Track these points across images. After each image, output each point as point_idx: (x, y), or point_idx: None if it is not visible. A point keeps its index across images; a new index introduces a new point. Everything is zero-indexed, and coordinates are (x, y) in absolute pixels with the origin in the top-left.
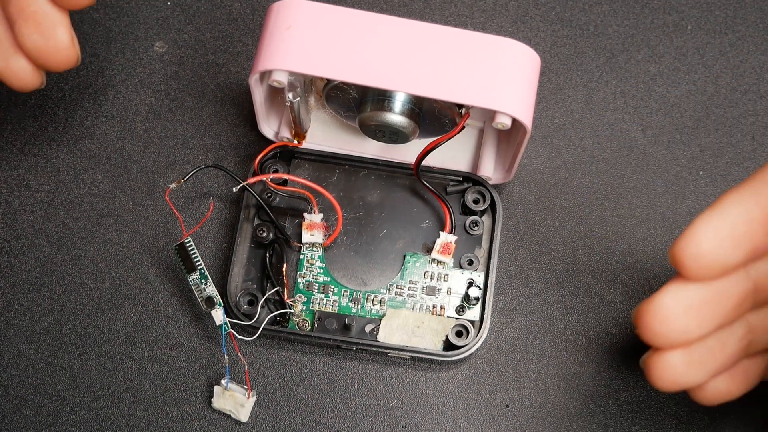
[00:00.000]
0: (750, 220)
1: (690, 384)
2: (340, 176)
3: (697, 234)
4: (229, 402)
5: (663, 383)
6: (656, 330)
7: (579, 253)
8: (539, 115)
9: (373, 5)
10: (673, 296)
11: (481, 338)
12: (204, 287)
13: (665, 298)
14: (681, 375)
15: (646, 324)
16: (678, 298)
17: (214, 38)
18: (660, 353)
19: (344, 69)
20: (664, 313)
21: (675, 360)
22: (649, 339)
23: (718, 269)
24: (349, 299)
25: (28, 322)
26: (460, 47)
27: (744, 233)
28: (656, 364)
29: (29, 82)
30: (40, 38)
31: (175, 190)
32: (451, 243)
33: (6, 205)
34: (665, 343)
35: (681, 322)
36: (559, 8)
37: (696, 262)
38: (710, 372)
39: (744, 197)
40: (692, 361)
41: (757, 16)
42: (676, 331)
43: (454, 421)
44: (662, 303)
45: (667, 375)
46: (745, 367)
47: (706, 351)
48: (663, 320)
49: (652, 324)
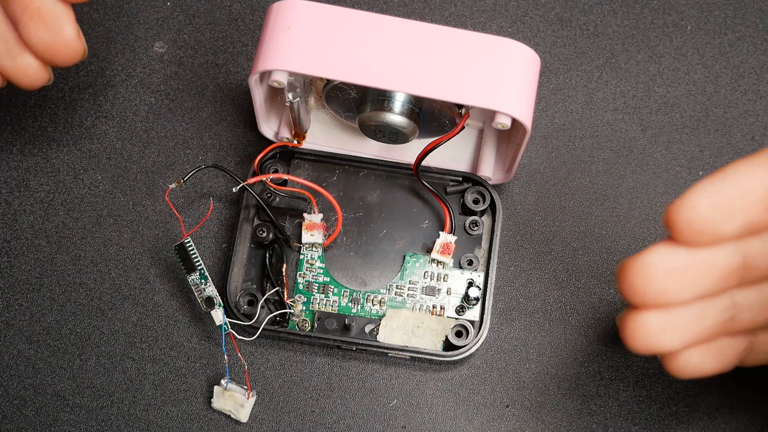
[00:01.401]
0: (750, 192)
1: (662, 348)
2: (340, 176)
3: (694, 198)
4: (229, 402)
5: (635, 342)
6: (636, 287)
7: (579, 253)
8: (539, 115)
9: (373, 5)
10: (660, 256)
11: (481, 338)
12: (204, 287)
13: (651, 257)
14: (654, 337)
15: (628, 280)
16: (664, 259)
17: (214, 38)
18: (637, 312)
19: (344, 69)
20: (647, 272)
21: (651, 321)
22: (629, 296)
23: (710, 237)
24: (349, 299)
25: (28, 322)
26: (460, 47)
27: (742, 205)
28: (631, 323)
29: (37, 78)
30: (46, 34)
31: (175, 190)
32: (450, 243)
33: (6, 205)
34: (644, 302)
35: (663, 283)
36: (559, 8)
37: (689, 226)
38: (685, 340)
39: (748, 170)
40: (668, 326)
41: (757, 16)
42: (656, 292)
43: (454, 421)
44: (647, 261)
45: (640, 335)
46: (722, 345)
47: (684, 318)
48: (645, 278)
49: (634, 280)
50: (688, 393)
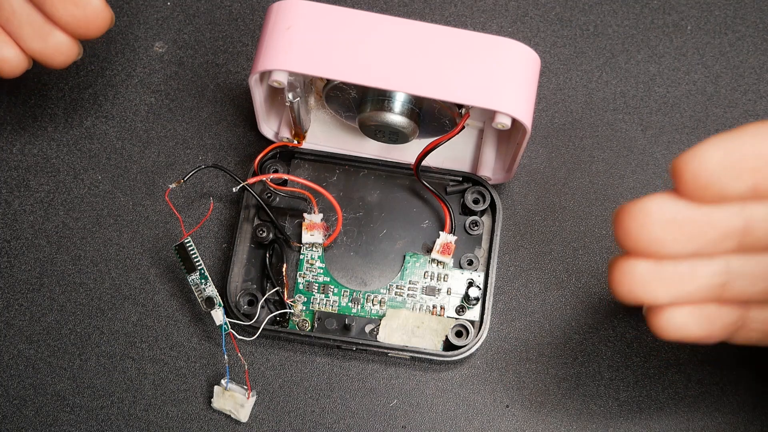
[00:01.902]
0: (761, 156)
1: (647, 299)
2: (340, 176)
3: (705, 151)
4: (229, 402)
5: (621, 288)
6: (631, 232)
7: (579, 253)
8: (539, 115)
9: (373, 5)
10: (659, 204)
11: (481, 338)
12: (204, 287)
13: (650, 204)
14: (641, 286)
15: (624, 224)
16: (663, 208)
17: (214, 38)
18: (628, 258)
19: (344, 69)
20: (644, 218)
21: (640, 269)
22: (622, 240)
23: (714, 194)
24: (349, 299)
25: (28, 322)
26: (460, 47)
27: (752, 166)
28: (621, 268)
29: (70, 54)
30: (76, 9)
31: (175, 190)
32: (451, 243)
33: (6, 205)
34: (636, 249)
35: (658, 232)
36: (559, 8)
37: (695, 178)
38: (672, 296)
39: (763, 133)
40: (657, 278)
41: (757, 16)
42: (649, 240)
43: (454, 421)
44: (646, 207)
45: (628, 281)
46: (711, 312)
47: (674, 273)
48: (640, 224)
49: (630, 225)
50: (688, 393)
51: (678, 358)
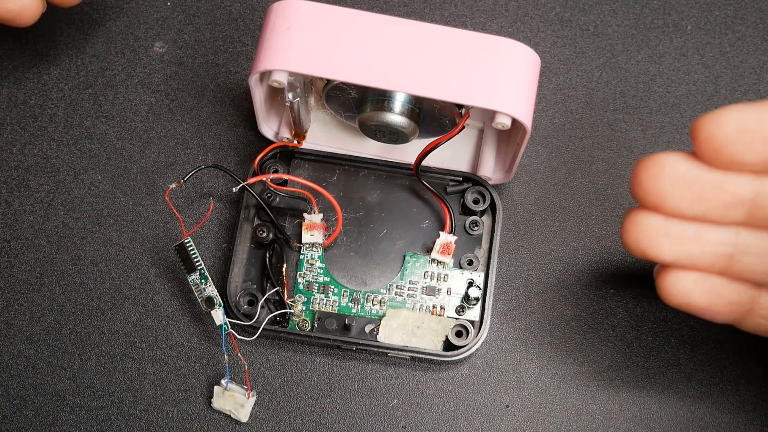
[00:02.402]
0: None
1: (652, 253)
2: (340, 176)
3: (725, 115)
4: (229, 402)
5: (629, 238)
6: (642, 182)
7: (579, 253)
8: (539, 115)
9: (373, 5)
10: (673, 160)
11: (481, 338)
12: (204, 287)
13: (665, 158)
14: (647, 239)
15: (639, 174)
16: (676, 164)
17: (214, 38)
18: (640, 210)
19: (344, 69)
20: (656, 170)
21: (649, 221)
22: (634, 190)
23: (726, 159)
24: (349, 299)
25: (28, 322)
26: (460, 47)
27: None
28: (632, 218)
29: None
30: None
31: (175, 190)
32: (451, 243)
33: (6, 205)
34: (645, 200)
35: (667, 185)
36: (559, 8)
37: (710, 140)
38: (677, 255)
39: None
40: (663, 233)
41: (757, 16)
42: (658, 192)
43: (454, 421)
44: (659, 160)
45: (635, 231)
46: (718, 284)
47: (682, 233)
48: (652, 175)
49: (643, 176)
50: (688, 393)
51: (678, 358)
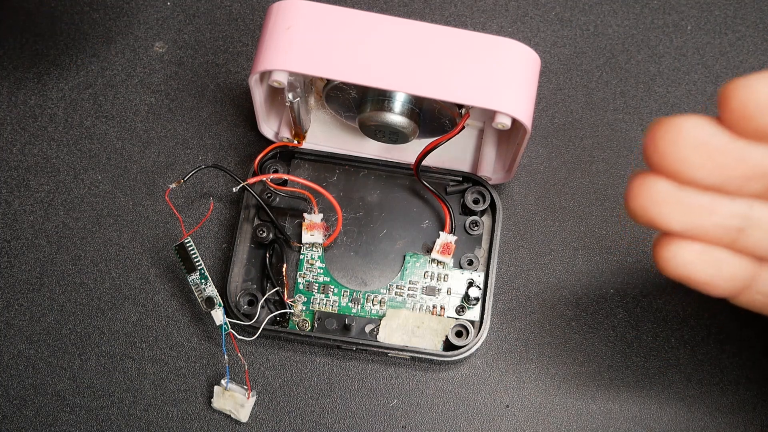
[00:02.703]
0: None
1: (659, 221)
2: (340, 176)
3: (758, 81)
4: (229, 402)
5: (635, 203)
6: (659, 145)
7: (579, 253)
8: (539, 115)
9: (373, 5)
10: (696, 125)
11: (481, 338)
12: (204, 287)
13: (688, 122)
14: (656, 206)
15: (655, 137)
16: (699, 129)
17: (214, 38)
18: (650, 175)
19: (344, 69)
20: (675, 134)
21: (660, 187)
22: (649, 153)
23: (756, 128)
24: (349, 299)
25: (28, 322)
26: (460, 47)
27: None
28: (641, 182)
29: None
30: None
31: (175, 190)
32: (451, 243)
33: (6, 205)
34: (660, 165)
35: (686, 151)
36: (559, 8)
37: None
38: (685, 225)
39: None
40: (675, 201)
41: (757, 16)
42: (676, 157)
43: (454, 421)
44: (680, 123)
45: (644, 196)
46: (721, 258)
47: (694, 201)
48: (670, 139)
49: (659, 138)
50: (688, 393)
51: (678, 358)
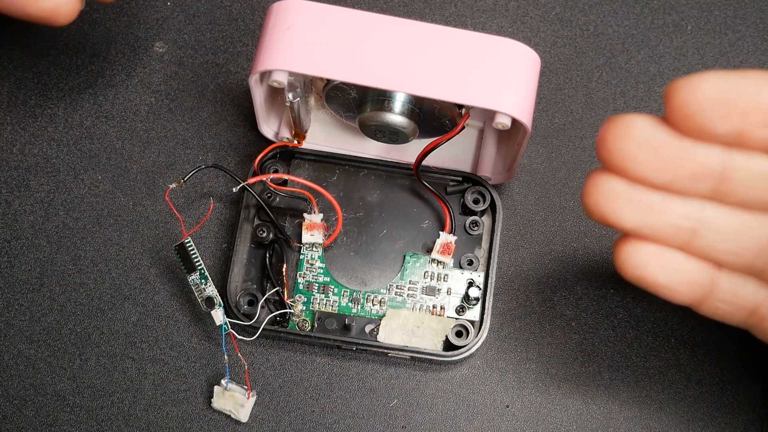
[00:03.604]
0: (756, 102)
1: (612, 218)
2: (340, 176)
3: (699, 81)
4: (229, 402)
5: (590, 199)
6: (608, 143)
7: (579, 253)
8: (539, 115)
9: (373, 5)
10: (641, 122)
11: (481, 338)
12: (204, 287)
13: (633, 120)
14: (608, 202)
15: (605, 134)
16: (644, 127)
17: (214, 38)
18: (603, 172)
19: (344, 69)
20: (623, 132)
21: (612, 184)
22: (600, 150)
23: (698, 127)
24: (349, 299)
25: (28, 322)
26: (460, 47)
27: (742, 110)
28: (595, 179)
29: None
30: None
31: (175, 190)
32: (451, 243)
33: (6, 205)
34: (610, 161)
35: (632, 148)
36: (559, 8)
37: (683, 106)
38: (637, 223)
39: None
40: (626, 198)
41: (757, 16)
42: (624, 155)
43: (454, 421)
44: (627, 121)
45: (597, 193)
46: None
47: (644, 199)
48: (618, 136)
49: (608, 134)
50: (688, 393)
51: (678, 358)
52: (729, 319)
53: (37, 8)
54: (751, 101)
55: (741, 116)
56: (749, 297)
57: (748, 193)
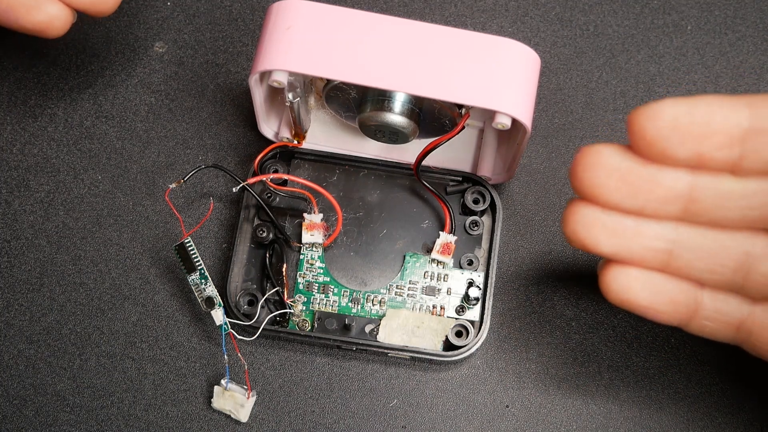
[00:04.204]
0: (709, 125)
1: (589, 244)
2: (340, 176)
3: (659, 109)
4: (229, 402)
5: (567, 228)
6: (579, 173)
7: (579, 253)
8: (539, 115)
9: (373, 5)
10: (608, 152)
11: (481, 338)
12: (204, 287)
13: (600, 150)
14: (585, 230)
15: (574, 164)
16: (611, 156)
17: (214, 38)
18: (579, 201)
19: (344, 69)
20: (591, 160)
21: (587, 212)
22: (572, 180)
23: (658, 152)
24: (349, 299)
25: (28, 322)
26: (460, 47)
27: (698, 134)
28: (572, 208)
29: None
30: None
31: (175, 190)
32: (451, 243)
33: (6, 205)
34: (581, 190)
35: (601, 176)
36: (559, 8)
37: (642, 133)
38: (615, 248)
39: (718, 104)
40: (601, 225)
41: (757, 16)
42: (593, 183)
43: (454, 421)
44: (595, 152)
45: (573, 221)
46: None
47: (620, 226)
48: (588, 166)
49: (578, 165)
50: (688, 394)
51: (678, 358)
52: (718, 336)
53: (30, 21)
54: (703, 126)
55: (697, 141)
56: (734, 313)
57: (718, 212)
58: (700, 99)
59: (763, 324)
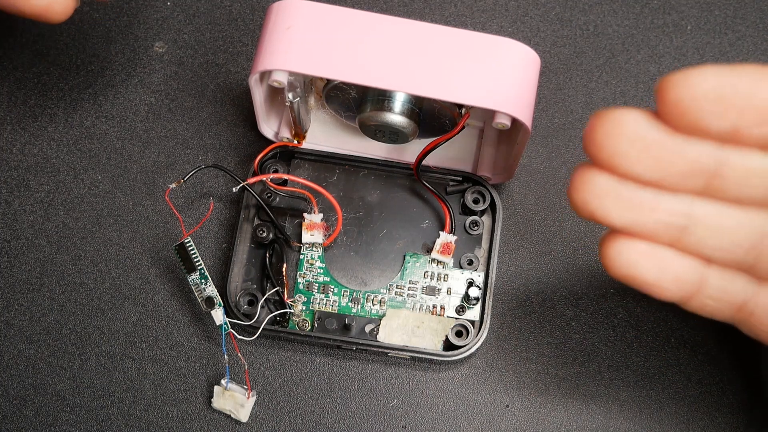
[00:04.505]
0: (753, 98)
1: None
2: (340, 176)
3: (695, 77)
4: (229, 402)
5: (577, 196)
6: (598, 138)
7: (579, 253)
8: (539, 115)
9: (373, 5)
10: (633, 118)
11: (481, 338)
12: (204, 287)
13: (624, 115)
14: (597, 199)
15: (594, 129)
16: (636, 123)
17: (214, 38)
18: (591, 167)
19: (344, 69)
20: (614, 128)
21: (600, 180)
22: (588, 145)
23: (691, 123)
24: (349, 299)
25: (28, 322)
26: (460, 47)
27: (739, 106)
28: (582, 174)
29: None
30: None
31: (175, 190)
32: (451, 243)
33: (6, 205)
34: (599, 157)
35: (622, 144)
36: (559, 8)
37: (677, 102)
38: (627, 221)
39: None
40: (615, 195)
41: (757, 16)
42: (614, 151)
43: (454, 421)
44: (618, 116)
45: (584, 189)
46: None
47: (634, 197)
48: (610, 133)
49: (598, 131)
50: (688, 393)
51: (678, 358)
52: (716, 314)
53: (29, 5)
54: (747, 98)
55: (737, 114)
56: (738, 293)
57: (741, 189)
58: (744, 68)
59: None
